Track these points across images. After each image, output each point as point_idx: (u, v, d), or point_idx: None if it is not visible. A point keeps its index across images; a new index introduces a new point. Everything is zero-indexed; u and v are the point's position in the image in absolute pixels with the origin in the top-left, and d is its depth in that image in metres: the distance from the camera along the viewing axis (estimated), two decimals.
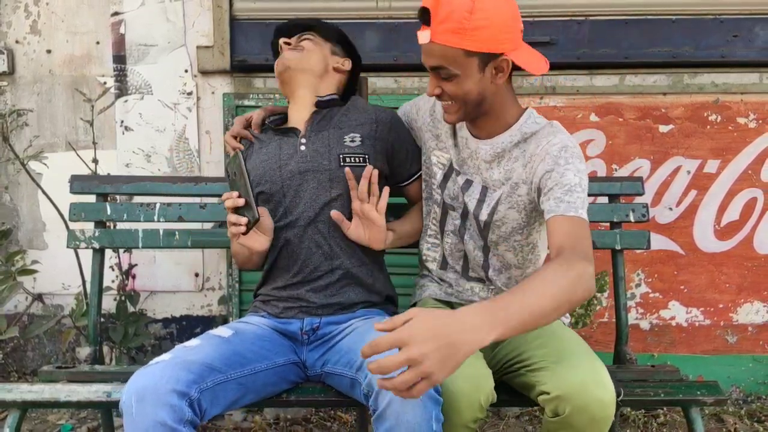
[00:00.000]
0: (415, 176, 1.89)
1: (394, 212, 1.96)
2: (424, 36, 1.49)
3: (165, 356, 1.47)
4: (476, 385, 1.44)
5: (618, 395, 1.42)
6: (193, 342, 1.56)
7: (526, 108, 1.68)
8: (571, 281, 1.29)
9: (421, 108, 1.85)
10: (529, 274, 1.75)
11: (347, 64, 1.91)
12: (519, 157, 1.63)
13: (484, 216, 1.69)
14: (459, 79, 1.52)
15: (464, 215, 1.74)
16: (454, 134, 1.75)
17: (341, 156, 1.75)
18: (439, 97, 1.59)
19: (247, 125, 1.91)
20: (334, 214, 1.72)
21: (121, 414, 1.38)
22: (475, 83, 1.52)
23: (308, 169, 1.75)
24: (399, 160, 1.86)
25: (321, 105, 1.83)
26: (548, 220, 1.48)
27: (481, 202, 1.70)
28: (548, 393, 1.40)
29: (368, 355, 1.13)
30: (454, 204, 1.76)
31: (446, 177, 1.77)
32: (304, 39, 1.85)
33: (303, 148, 1.76)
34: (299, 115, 1.84)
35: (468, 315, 1.17)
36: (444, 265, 1.83)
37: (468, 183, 1.72)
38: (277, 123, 1.91)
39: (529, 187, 1.61)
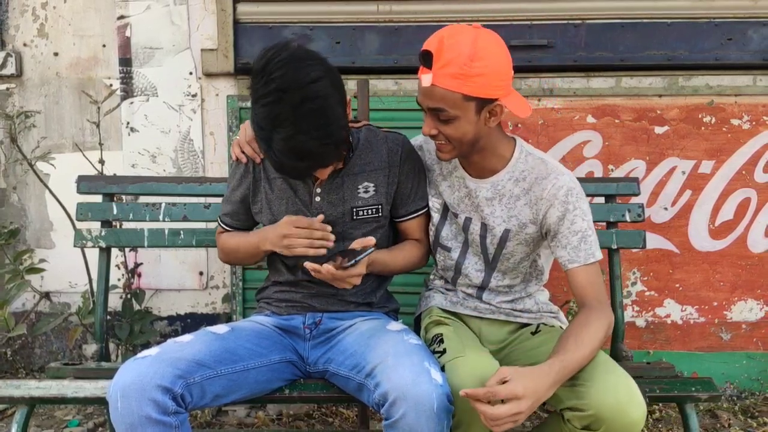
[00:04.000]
0: (412, 215, 1.82)
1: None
2: (426, 79, 1.54)
3: (152, 350, 1.50)
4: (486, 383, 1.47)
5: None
6: (185, 337, 1.59)
7: (514, 138, 1.75)
8: (606, 331, 1.56)
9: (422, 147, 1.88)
10: (532, 288, 1.84)
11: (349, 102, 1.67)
12: (521, 196, 1.71)
13: (490, 250, 1.78)
14: (457, 122, 1.58)
15: (464, 251, 1.82)
16: (445, 177, 1.80)
17: (354, 209, 1.73)
18: (433, 137, 1.65)
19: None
20: (308, 265, 1.61)
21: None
22: (471, 126, 1.59)
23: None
24: (399, 198, 1.79)
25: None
26: (569, 270, 1.64)
27: (483, 237, 1.77)
28: (582, 410, 1.45)
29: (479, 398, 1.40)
30: (451, 245, 1.82)
31: (443, 219, 1.83)
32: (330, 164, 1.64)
33: (318, 199, 1.72)
34: None
35: (547, 379, 1.42)
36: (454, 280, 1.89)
37: (468, 220, 1.79)
38: None
39: (538, 227, 1.72)
